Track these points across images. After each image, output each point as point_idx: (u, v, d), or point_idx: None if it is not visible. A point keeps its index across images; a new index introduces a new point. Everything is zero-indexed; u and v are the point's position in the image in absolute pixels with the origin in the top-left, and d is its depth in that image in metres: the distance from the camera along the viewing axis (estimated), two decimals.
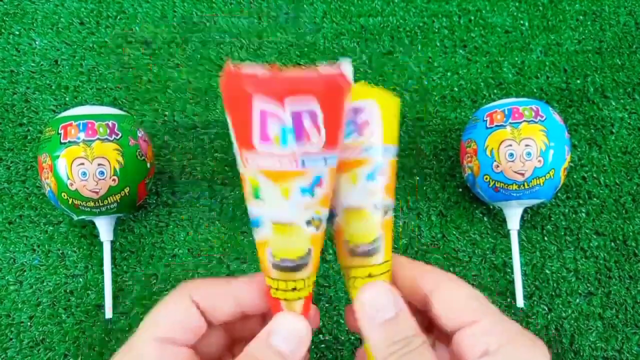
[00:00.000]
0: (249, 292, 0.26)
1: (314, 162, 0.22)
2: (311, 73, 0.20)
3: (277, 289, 0.25)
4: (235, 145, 0.23)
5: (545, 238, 0.44)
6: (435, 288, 0.25)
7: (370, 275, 0.27)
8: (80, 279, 0.43)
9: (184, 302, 0.25)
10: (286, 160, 0.22)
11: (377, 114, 0.27)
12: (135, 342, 0.24)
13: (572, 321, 0.42)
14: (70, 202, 0.38)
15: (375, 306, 0.24)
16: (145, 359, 0.24)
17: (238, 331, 0.29)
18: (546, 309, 0.43)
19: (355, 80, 0.26)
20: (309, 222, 0.25)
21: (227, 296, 0.26)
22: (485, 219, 0.45)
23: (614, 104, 0.48)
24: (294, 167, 0.22)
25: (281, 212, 0.24)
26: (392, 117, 0.28)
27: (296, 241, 0.25)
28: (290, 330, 0.25)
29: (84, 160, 0.37)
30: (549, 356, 0.22)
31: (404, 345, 0.23)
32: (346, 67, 0.21)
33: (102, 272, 0.42)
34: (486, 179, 0.40)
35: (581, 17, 0.51)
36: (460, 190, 0.45)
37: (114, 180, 0.38)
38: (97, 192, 0.38)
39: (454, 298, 0.25)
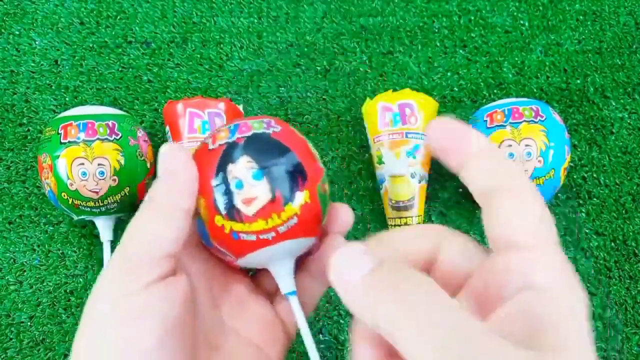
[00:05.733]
0: None
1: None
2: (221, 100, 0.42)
3: None
4: (172, 143, 0.40)
5: None
6: (506, 192, 0.19)
7: (406, 224, 0.40)
8: (81, 279, 0.43)
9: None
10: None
11: (416, 109, 0.41)
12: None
13: None
14: (70, 202, 0.38)
15: (346, 264, 0.18)
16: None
17: None
18: None
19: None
20: None
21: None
22: None
23: (614, 104, 0.48)
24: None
25: None
26: (429, 113, 0.42)
27: None
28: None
29: (84, 160, 0.37)
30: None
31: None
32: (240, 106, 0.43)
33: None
34: None
35: (581, 17, 0.51)
36: (460, 190, 0.45)
37: (114, 180, 0.38)
38: (97, 192, 0.38)
39: (523, 214, 0.18)
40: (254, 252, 0.26)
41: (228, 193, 0.25)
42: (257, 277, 0.30)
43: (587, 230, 0.44)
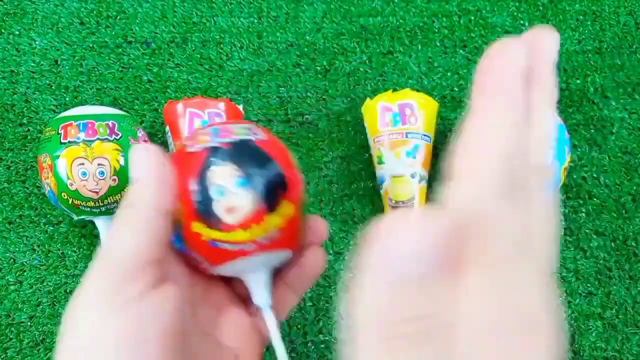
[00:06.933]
0: None
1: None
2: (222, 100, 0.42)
3: None
4: (172, 143, 0.41)
5: None
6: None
7: None
8: (80, 279, 0.43)
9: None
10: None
11: (417, 109, 0.41)
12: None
13: (572, 321, 0.43)
14: (70, 202, 0.38)
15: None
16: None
17: None
18: None
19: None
20: None
21: None
22: None
23: (614, 104, 0.48)
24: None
25: None
26: (429, 114, 0.42)
27: None
28: None
29: (84, 160, 0.37)
30: None
31: None
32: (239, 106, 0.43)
33: None
34: None
35: (581, 17, 0.51)
36: None
37: (114, 180, 0.38)
38: (97, 192, 0.38)
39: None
40: (230, 262, 0.25)
41: (208, 199, 0.23)
42: (232, 283, 0.29)
43: (587, 230, 0.44)
